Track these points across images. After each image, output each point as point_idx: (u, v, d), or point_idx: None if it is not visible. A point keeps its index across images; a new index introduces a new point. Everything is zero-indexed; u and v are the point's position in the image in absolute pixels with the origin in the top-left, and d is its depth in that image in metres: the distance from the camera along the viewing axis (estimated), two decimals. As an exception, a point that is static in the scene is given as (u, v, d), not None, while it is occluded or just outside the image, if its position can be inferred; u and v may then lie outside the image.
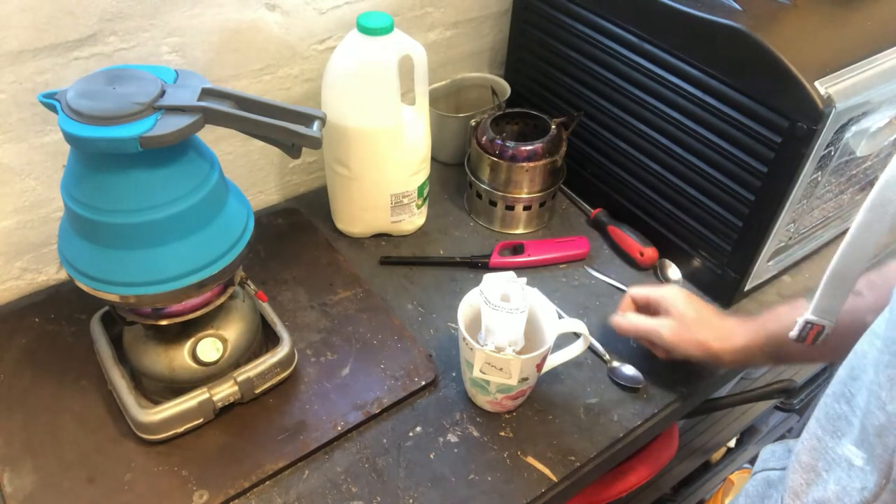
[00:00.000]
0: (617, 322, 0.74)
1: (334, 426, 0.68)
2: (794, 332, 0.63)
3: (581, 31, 0.87)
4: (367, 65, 0.75)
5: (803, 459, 0.48)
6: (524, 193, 0.89)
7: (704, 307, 0.71)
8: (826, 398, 0.47)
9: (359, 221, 0.90)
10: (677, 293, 0.72)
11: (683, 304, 0.70)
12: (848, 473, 0.43)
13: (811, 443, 0.47)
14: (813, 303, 0.61)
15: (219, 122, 0.55)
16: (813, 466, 0.47)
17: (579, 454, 0.68)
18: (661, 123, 0.81)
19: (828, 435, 0.46)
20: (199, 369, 0.66)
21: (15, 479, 0.63)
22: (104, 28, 0.70)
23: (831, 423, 0.46)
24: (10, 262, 0.79)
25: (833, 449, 0.45)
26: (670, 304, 0.70)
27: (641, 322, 0.72)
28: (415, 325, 0.80)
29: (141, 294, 0.57)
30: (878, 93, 0.70)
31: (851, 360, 0.45)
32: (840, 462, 0.44)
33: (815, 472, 0.47)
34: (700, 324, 0.69)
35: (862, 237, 0.52)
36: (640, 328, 0.72)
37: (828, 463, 0.45)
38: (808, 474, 0.47)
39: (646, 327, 0.71)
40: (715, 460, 1.32)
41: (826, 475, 0.45)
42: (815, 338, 0.62)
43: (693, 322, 0.69)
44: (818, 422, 0.47)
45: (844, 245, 0.54)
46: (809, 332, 0.62)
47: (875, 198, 0.49)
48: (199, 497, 0.62)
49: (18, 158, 0.73)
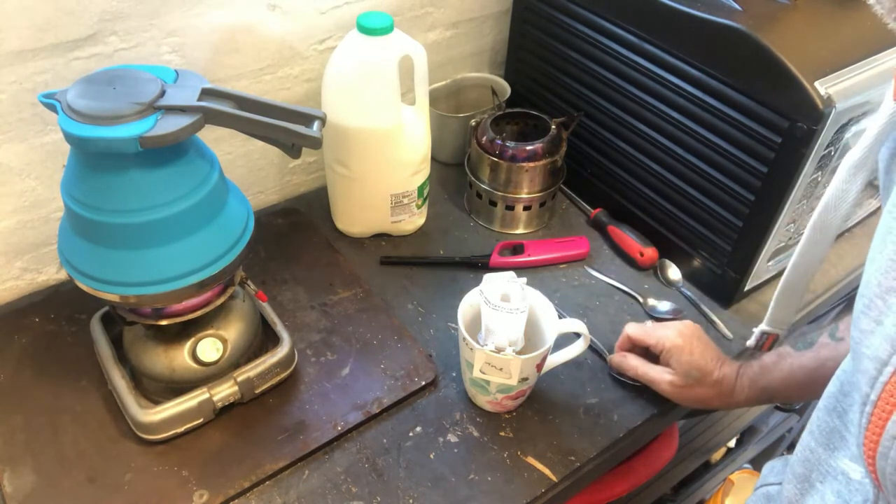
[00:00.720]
0: (617, 363, 0.73)
1: (334, 426, 0.68)
2: (752, 342, 0.71)
3: (581, 31, 0.87)
4: (367, 65, 0.75)
5: (798, 471, 0.48)
6: (524, 193, 0.89)
7: (704, 356, 0.68)
8: (818, 412, 0.47)
9: (359, 221, 0.90)
10: (680, 344, 0.69)
11: (687, 363, 0.68)
12: (847, 487, 0.43)
13: (804, 454, 0.48)
14: (767, 315, 0.67)
15: (219, 122, 0.55)
16: (807, 477, 0.47)
17: (579, 454, 0.68)
18: (661, 123, 0.81)
19: (821, 447, 0.46)
20: (199, 369, 0.66)
21: (15, 479, 0.63)
22: (104, 28, 0.70)
23: (824, 436, 0.46)
24: (10, 262, 0.79)
25: (826, 461, 0.46)
26: (672, 358, 0.69)
27: (641, 369, 0.71)
28: (415, 325, 0.80)
29: (141, 294, 0.57)
30: (878, 93, 0.70)
31: (841, 377, 0.46)
32: (836, 475, 0.44)
33: (808, 482, 0.47)
34: (703, 384, 0.68)
35: (808, 254, 0.59)
36: (640, 375, 0.71)
37: (822, 474, 0.46)
38: (803, 484, 0.48)
39: (646, 377, 0.71)
40: (715, 460, 1.32)
41: (821, 486, 0.46)
42: (770, 345, 0.69)
43: (695, 382, 0.68)
44: (811, 434, 0.47)
45: (793, 262, 0.61)
46: (765, 341, 0.70)
47: (817, 220, 0.57)
48: (199, 497, 0.62)
49: (18, 158, 0.73)
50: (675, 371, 0.68)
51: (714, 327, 0.82)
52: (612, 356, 0.75)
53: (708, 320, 0.82)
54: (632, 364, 0.72)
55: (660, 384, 0.69)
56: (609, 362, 0.75)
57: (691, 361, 0.68)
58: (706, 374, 0.67)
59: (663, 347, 0.70)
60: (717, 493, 1.21)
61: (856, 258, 0.91)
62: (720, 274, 0.83)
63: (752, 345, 0.70)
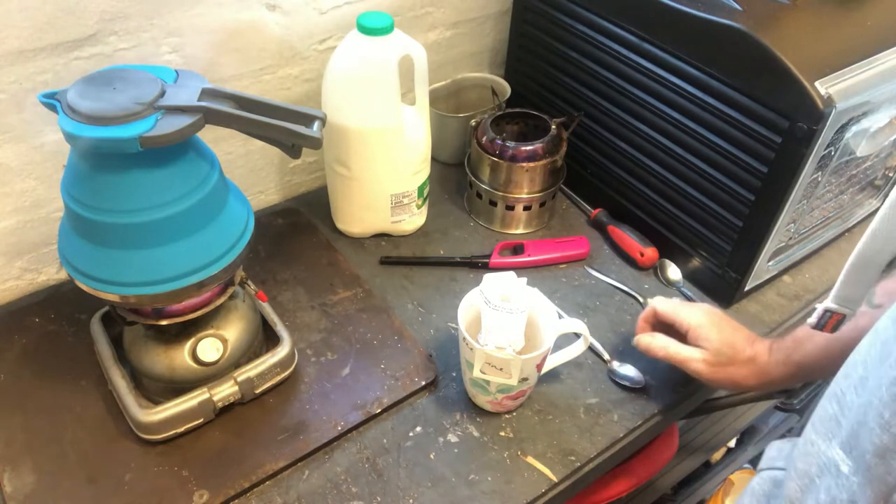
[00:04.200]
0: (646, 343, 0.70)
1: (334, 426, 0.68)
2: (813, 320, 0.60)
3: (581, 31, 0.87)
4: (368, 65, 0.75)
5: (798, 466, 0.47)
6: (524, 193, 0.89)
7: (735, 335, 0.67)
8: (822, 399, 0.46)
9: (359, 221, 0.90)
10: (709, 322, 0.67)
11: (717, 340, 0.66)
12: (836, 481, 0.42)
13: (805, 447, 0.46)
14: (834, 290, 0.58)
15: (219, 122, 0.55)
16: (807, 472, 0.46)
17: (579, 454, 0.68)
18: (662, 123, 0.81)
19: (820, 438, 0.45)
20: (199, 369, 0.66)
21: (15, 479, 0.63)
22: (104, 28, 0.70)
23: (823, 425, 0.45)
24: (10, 262, 0.79)
25: (825, 452, 0.44)
26: (702, 336, 0.67)
27: (673, 349, 0.68)
28: (415, 325, 0.80)
29: (141, 294, 0.57)
30: (878, 93, 0.70)
31: (849, 359, 0.45)
32: (829, 467, 0.43)
33: (808, 477, 0.46)
34: (735, 362, 0.66)
35: (888, 227, 0.50)
36: (672, 355, 0.68)
37: (819, 468, 0.45)
38: (803, 480, 0.46)
39: (678, 357, 0.68)
40: (715, 460, 1.32)
41: (818, 481, 0.44)
42: (834, 326, 0.59)
43: (728, 360, 0.66)
44: (813, 425, 0.46)
45: (869, 233, 0.52)
46: (829, 320, 0.59)
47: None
48: (199, 497, 0.62)
49: (18, 158, 0.73)
50: (707, 349, 0.66)
51: (714, 327, 0.82)
52: (638, 337, 0.72)
53: (708, 320, 0.82)
54: (661, 344, 0.69)
55: (691, 363, 0.67)
56: (636, 343, 0.72)
57: (722, 339, 0.66)
58: (738, 352, 0.65)
59: (689, 325, 0.67)
60: (717, 493, 1.21)
61: (856, 258, 0.91)
62: (720, 274, 0.83)
63: (812, 323, 0.61)
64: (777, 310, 0.84)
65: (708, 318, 0.68)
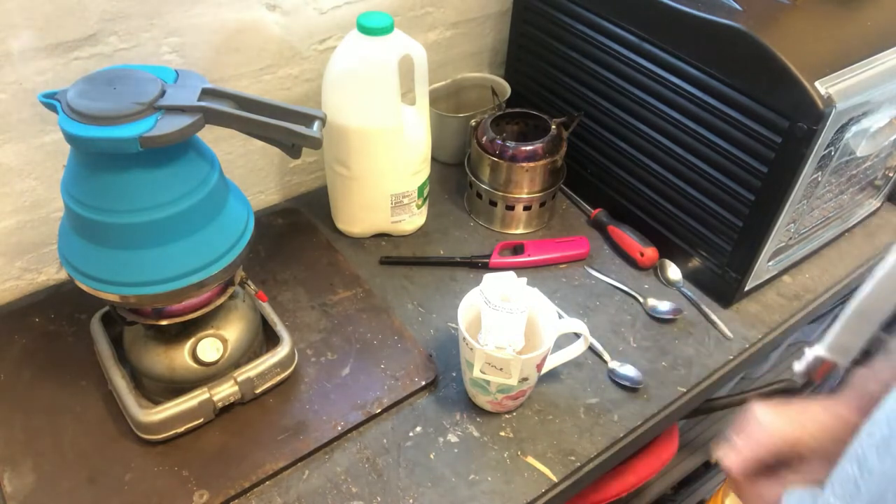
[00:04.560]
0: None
1: (334, 426, 0.68)
2: (801, 366, 0.56)
3: (581, 31, 0.87)
4: (368, 65, 0.75)
5: None
6: (524, 193, 0.89)
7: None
8: (843, 458, 0.40)
9: (359, 221, 0.90)
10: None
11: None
12: None
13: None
14: (829, 337, 0.53)
15: (219, 122, 0.55)
16: None
17: (579, 454, 0.68)
18: (661, 123, 0.81)
19: (839, 501, 0.39)
20: (199, 369, 0.66)
21: (15, 479, 0.63)
22: (104, 28, 0.70)
23: (843, 488, 0.39)
24: (10, 262, 0.79)
25: None
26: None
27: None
28: (415, 325, 0.80)
29: (141, 294, 0.57)
30: (878, 93, 0.70)
31: (872, 416, 0.39)
32: None
33: None
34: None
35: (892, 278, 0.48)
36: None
37: None
38: None
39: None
40: (715, 460, 1.32)
41: None
42: (824, 376, 0.55)
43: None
44: (832, 486, 0.41)
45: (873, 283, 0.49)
46: (819, 368, 0.55)
47: None
48: (199, 497, 0.62)
49: (18, 158, 0.73)
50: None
51: (714, 327, 0.82)
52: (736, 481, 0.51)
53: (708, 320, 0.82)
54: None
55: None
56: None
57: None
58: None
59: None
60: (717, 493, 1.21)
61: (856, 258, 0.91)
62: (720, 274, 0.83)
63: (800, 371, 0.55)
64: (777, 310, 0.84)
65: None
